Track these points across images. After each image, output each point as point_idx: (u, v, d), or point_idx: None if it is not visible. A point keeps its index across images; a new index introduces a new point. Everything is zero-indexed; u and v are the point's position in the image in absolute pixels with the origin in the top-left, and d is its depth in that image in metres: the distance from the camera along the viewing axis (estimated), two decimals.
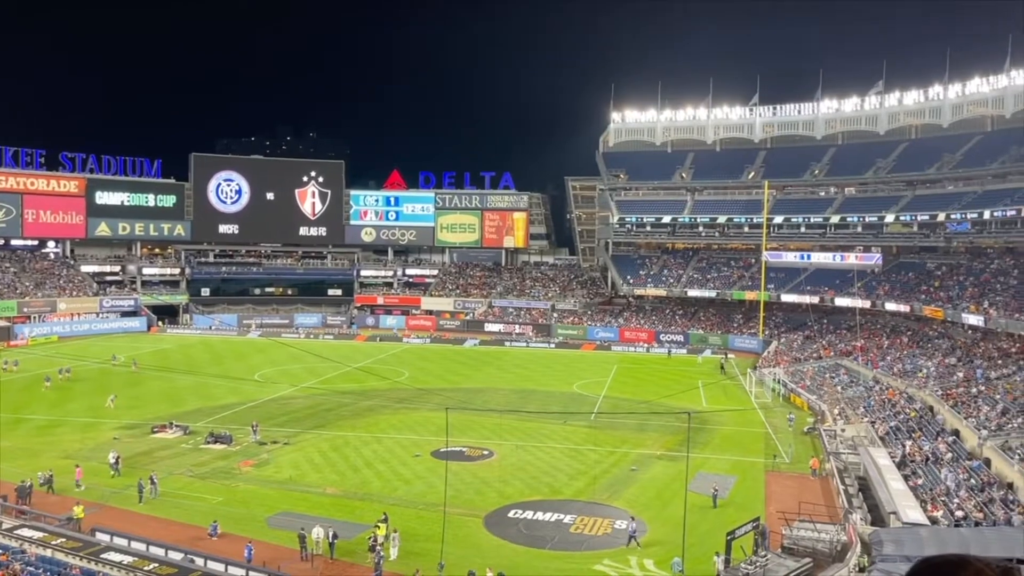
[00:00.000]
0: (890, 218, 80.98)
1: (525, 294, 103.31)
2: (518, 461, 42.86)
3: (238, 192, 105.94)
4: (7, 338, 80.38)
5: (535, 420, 51.70)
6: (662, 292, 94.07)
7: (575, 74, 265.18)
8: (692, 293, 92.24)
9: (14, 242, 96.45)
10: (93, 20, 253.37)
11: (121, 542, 29.57)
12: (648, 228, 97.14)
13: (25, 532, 30.71)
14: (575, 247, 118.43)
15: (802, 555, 29.35)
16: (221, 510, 34.05)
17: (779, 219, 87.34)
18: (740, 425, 52.02)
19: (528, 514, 34.70)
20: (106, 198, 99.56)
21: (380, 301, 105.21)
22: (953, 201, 75.30)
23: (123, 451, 41.17)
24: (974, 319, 59.26)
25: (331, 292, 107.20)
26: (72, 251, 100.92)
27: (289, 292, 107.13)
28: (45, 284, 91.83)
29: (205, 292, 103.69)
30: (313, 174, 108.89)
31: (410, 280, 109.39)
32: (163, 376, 65.41)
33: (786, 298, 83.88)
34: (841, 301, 77.36)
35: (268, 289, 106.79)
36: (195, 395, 58.66)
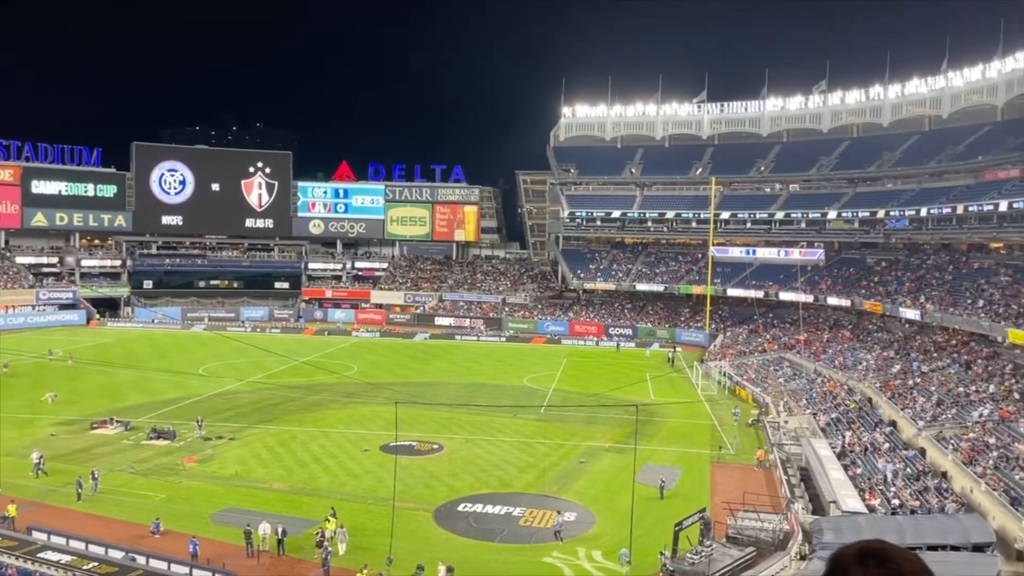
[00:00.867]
0: (832, 214, 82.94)
1: (476, 288, 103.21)
2: (468, 455, 42.87)
3: (182, 183, 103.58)
4: None
5: (485, 414, 51.75)
6: (611, 286, 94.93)
7: (527, 68, 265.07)
8: (641, 287, 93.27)
9: None
10: (26, 4, 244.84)
11: (59, 540, 28.73)
12: (598, 223, 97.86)
13: None
14: (526, 241, 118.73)
15: (746, 544, 29.97)
16: (164, 507, 33.35)
17: (726, 215, 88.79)
18: (687, 417, 52.84)
19: (478, 507, 34.75)
20: (43, 187, 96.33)
21: (329, 294, 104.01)
22: (892, 198, 77.46)
23: (61, 448, 40.05)
24: (911, 313, 61.11)
25: (278, 285, 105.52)
26: (7, 242, 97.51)
27: (235, 285, 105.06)
28: None
29: (148, 285, 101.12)
30: (260, 165, 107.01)
31: (359, 273, 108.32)
32: (103, 371, 63.70)
33: (732, 292, 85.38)
34: (785, 295, 79.03)
35: (213, 282, 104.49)
36: (137, 390, 57.28)
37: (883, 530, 27.49)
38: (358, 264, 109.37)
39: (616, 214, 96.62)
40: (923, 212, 70.99)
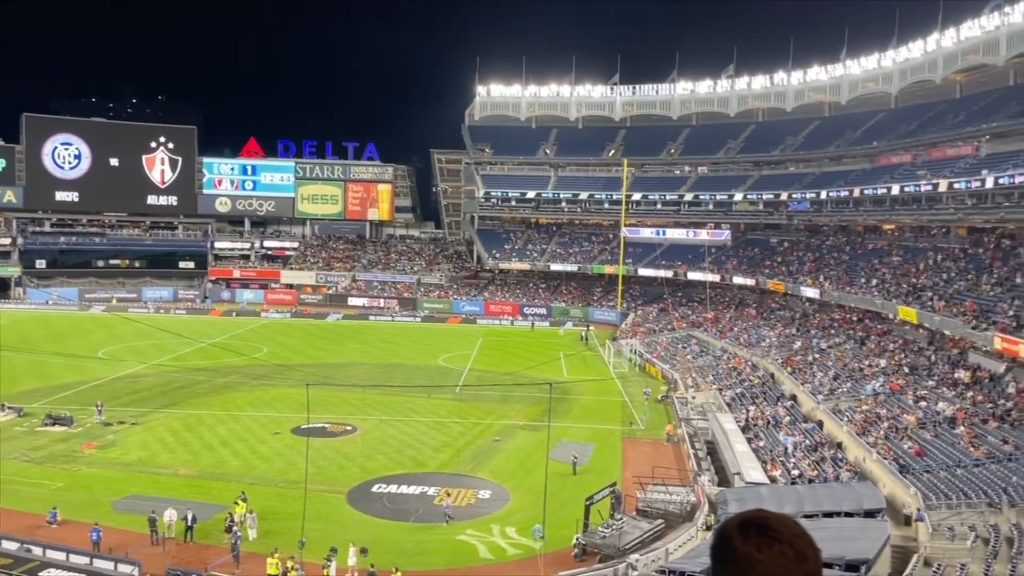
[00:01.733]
0: (739, 196, 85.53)
1: (390, 267, 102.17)
2: (382, 436, 42.61)
3: (77, 157, 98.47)
4: None
5: (400, 394, 51.49)
6: (526, 266, 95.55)
7: (442, 45, 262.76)
8: (555, 267, 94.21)
9: None
10: None
11: None
12: (513, 203, 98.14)
13: None
14: (441, 221, 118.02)
15: (655, 517, 30.87)
16: (62, 496, 31.96)
17: (637, 196, 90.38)
18: (599, 394, 53.84)
19: (392, 488, 34.62)
20: None
21: (237, 274, 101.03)
22: (794, 181, 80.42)
23: None
24: (811, 292, 63.81)
25: (183, 264, 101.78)
26: None
27: (137, 264, 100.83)
28: None
29: (41, 264, 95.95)
30: (162, 140, 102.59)
31: (269, 252, 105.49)
32: None
33: (643, 272, 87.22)
34: (693, 275, 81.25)
35: (113, 261, 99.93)
36: (30, 374, 54.52)
37: (783, 499, 28.76)
38: (267, 243, 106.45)
39: (531, 194, 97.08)
40: (823, 195, 73.96)
